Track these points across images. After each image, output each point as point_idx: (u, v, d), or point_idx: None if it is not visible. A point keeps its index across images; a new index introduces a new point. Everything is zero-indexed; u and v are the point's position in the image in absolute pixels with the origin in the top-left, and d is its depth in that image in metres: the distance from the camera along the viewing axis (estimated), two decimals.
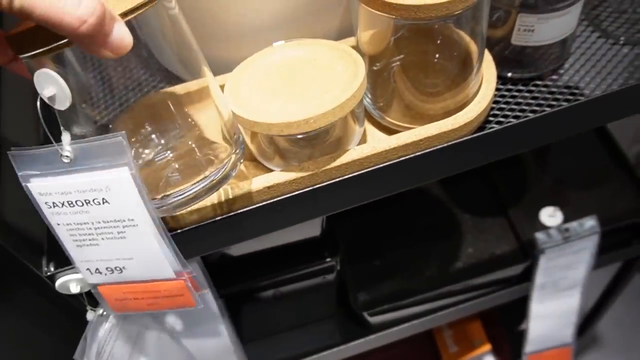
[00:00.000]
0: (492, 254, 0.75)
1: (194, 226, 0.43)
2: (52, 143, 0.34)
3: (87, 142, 0.34)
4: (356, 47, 0.45)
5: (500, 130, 0.46)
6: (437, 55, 0.44)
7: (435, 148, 0.44)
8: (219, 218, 0.43)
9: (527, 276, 0.78)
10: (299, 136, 0.42)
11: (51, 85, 0.32)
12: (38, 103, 0.33)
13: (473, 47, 0.44)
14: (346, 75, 0.42)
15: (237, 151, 0.41)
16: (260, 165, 0.46)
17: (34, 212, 0.37)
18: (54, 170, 0.35)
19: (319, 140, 0.44)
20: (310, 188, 0.44)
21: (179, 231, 0.43)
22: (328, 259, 0.71)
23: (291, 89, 0.42)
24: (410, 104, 0.45)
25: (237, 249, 0.69)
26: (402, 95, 0.45)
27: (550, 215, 0.76)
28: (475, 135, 0.46)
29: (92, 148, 0.34)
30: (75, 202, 0.36)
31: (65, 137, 0.34)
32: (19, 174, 0.35)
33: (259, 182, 0.43)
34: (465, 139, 0.45)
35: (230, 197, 0.43)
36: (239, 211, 0.44)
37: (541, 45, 0.48)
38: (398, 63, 0.43)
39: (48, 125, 0.34)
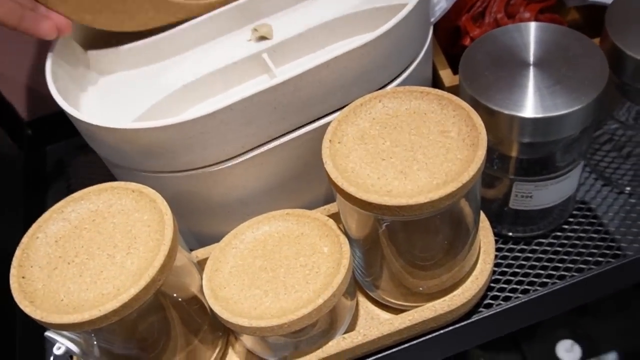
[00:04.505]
0: None
1: None
2: None
3: None
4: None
5: (502, 310, 0.43)
6: (427, 232, 0.41)
7: (432, 335, 0.41)
8: None
9: None
10: None
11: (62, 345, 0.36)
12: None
13: (468, 217, 0.41)
14: (331, 261, 0.39)
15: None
16: None
17: None
18: None
19: (305, 332, 0.41)
20: None
21: None
22: None
23: (272, 274, 0.40)
24: (402, 281, 0.42)
25: None
26: (393, 272, 0.42)
27: (567, 350, 0.71)
28: (475, 318, 0.42)
29: None
30: None
31: None
32: None
33: None
34: (465, 323, 0.42)
35: None
36: None
37: (542, 208, 0.45)
38: (386, 243, 0.40)
39: None
